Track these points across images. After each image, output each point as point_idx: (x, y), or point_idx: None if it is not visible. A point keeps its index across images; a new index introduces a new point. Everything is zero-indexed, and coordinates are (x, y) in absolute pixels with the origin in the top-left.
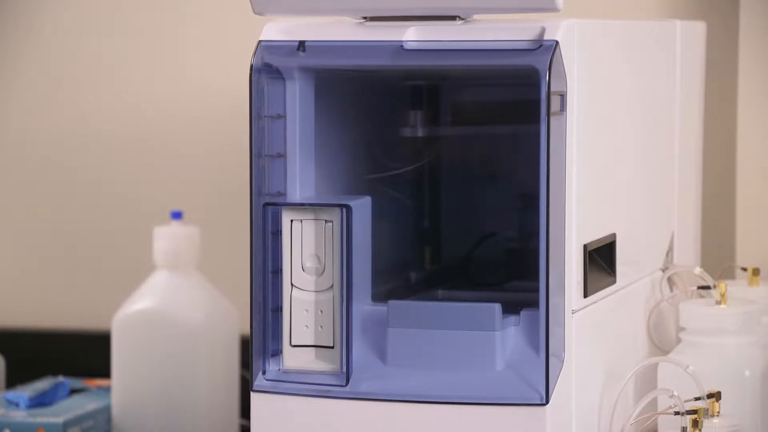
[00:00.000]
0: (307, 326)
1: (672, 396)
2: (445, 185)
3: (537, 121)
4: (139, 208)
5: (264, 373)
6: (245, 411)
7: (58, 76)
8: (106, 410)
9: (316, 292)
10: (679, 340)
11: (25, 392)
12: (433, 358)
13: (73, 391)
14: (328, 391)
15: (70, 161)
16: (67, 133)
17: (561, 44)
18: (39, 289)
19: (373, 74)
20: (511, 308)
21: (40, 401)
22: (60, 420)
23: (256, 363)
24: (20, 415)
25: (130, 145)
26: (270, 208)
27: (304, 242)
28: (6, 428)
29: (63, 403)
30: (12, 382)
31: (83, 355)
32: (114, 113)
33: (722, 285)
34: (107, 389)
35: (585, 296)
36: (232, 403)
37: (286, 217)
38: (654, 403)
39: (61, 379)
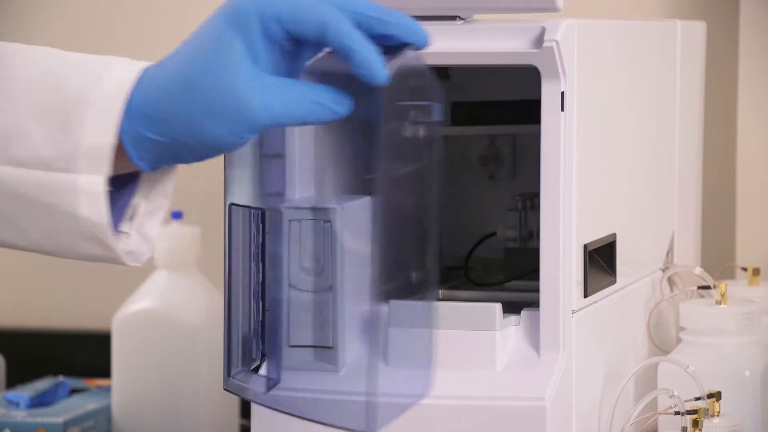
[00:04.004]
0: (306, 326)
1: (672, 396)
2: (445, 185)
3: (537, 121)
4: None
5: None
6: (245, 411)
7: None
8: (106, 410)
9: (314, 292)
10: (679, 340)
11: (25, 392)
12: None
13: (73, 391)
14: (328, 391)
15: None
16: None
17: (561, 44)
18: (39, 289)
19: None
20: (511, 308)
21: (40, 401)
22: (60, 420)
23: None
24: (20, 415)
25: None
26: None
27: (302, 242)
28: (6, 428)
29: (63, 403)
30: (12, 382)
31: (83, 355)
32: None
33: (722, 285)
34: (107, 389)
35: (585, 296)
36: (232, 403)
37: (285, 217)
38: (654, 403)
39: (61, 379)
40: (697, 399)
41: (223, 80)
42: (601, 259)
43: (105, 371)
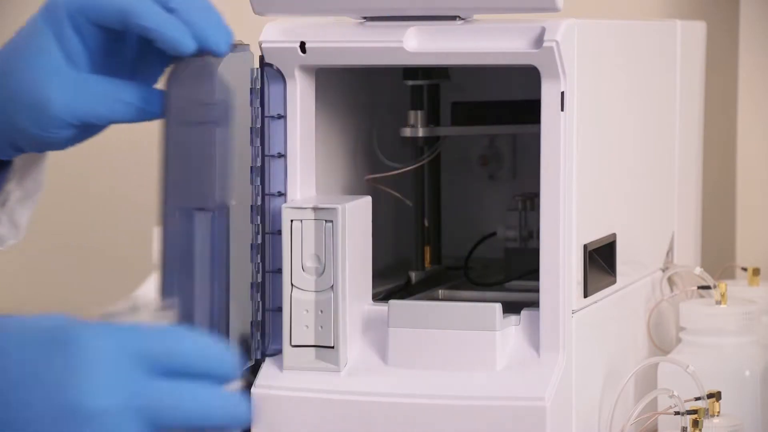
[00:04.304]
0: (307, 326)
1: (672, 396)
2: (446, 185)
3: (537, 120)
4: (139, 208)
5: None
6: None
7: None
8: None
9: (316, 292)
10: (679, 340)
11: None
12: (433, 358)
13: None
14: (328, 390)
15: (70, 161)
16: None
17: (561, 44)
18: (39, 288)
19: (374, 74)
20: (511, 308)
21: None
22: None
23: None
24: None
25: (131, 144)
26: None
27: (304, 242)
28: None
29: None
30: None
31: None
32: None
33: (722, 285)
34: None
35: (585, 296)
36: None
37: (286, 217)
38: (654, 403)
39: None
40: (697, 399)
41: (28, 75)
42: (601, 259)
43: None
